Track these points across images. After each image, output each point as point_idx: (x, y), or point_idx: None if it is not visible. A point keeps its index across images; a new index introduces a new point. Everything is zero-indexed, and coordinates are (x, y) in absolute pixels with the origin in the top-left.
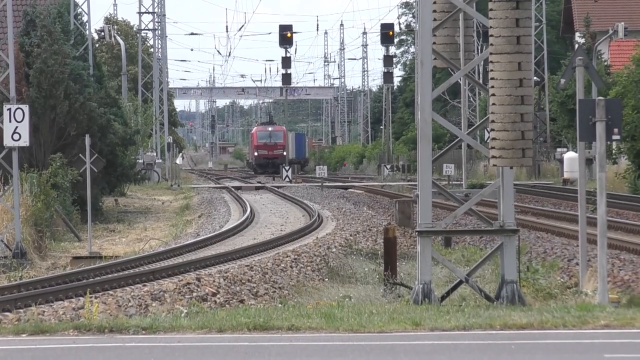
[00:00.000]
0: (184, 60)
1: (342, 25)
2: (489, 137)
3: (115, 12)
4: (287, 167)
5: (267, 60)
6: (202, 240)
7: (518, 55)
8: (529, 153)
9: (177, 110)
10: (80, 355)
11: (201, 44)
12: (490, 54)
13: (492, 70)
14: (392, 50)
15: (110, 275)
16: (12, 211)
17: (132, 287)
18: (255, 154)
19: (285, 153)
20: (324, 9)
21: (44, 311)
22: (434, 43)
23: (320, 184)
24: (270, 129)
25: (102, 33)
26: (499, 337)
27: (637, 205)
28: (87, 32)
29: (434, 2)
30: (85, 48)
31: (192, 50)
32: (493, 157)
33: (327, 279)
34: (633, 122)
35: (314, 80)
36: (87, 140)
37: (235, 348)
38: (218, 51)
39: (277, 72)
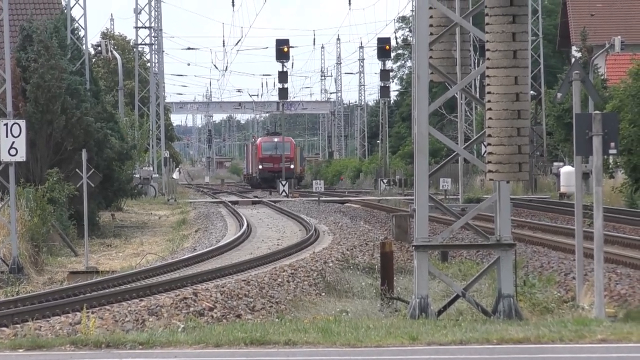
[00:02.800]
0: (181, 75)
1: (338, 39)
2: (485, 152)
3: (112, 26)
4: (283, 182)
5: (263, 75)
6: (199, 255)
7: (514, 70)
8: (525, 167)
9: (174, 124)
10: None
11: (198, 58)
12: (487, 68)
13: (488, 85)
14: (389, 64)
15: (107, 290)
16: (8, 226)
17: (129, 302)
18: (260, 167)
19: (292, 166)
20: (320, 24)
21: (40, 326)
22: (431, 57)
23: (317, 198)
24: (276, 139)
25: (99, 48)
26: (496, 351)
27: (633, 220)
28: (84, 46)
29: (431, 17)
30: (82, 63)
31: (188, 64)
32: (490, 171)
33: (324, 294)
34: (630, 136)
35: (311, 94)
36: (84, 155)
37: None
38: (215, 65)
39: (274, 86)
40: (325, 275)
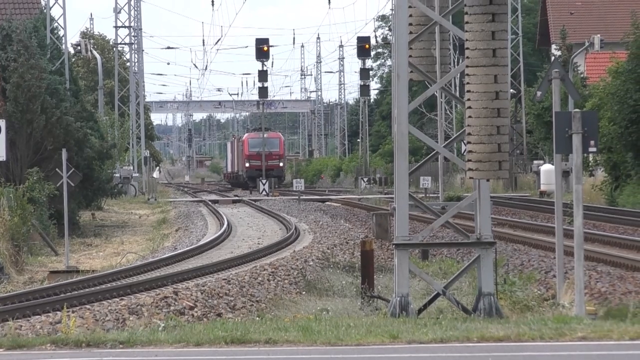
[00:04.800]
0: (161, 74)
1: (318, 38)
2: (465, 150)
3: (91, 26)
4: (263, 181)
5: (243, 74)
6: (180, 254)
7: (494, 68)
8: (505, 165)
9: (154, 123)
10: None
11: (178, 57)
12: (467, 66)
13: (468, 83)
14: (369, 63)
15: (87, 290)
16: None
17: (110, 301)
18: (247, 164)
19: (282, 164)
20: (300, 23)
21: (21, 326)
22: (410, 56)
23: (297, 197)
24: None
25: (79, 47)
26: (476, 349)
27: (613, 217)
28: (64, 46)
29: (410, 15)
30: (62, 62)
31: (168, 64)
32: (470, 169)
33: (304, 292)
34: (609, 134)
35: (291, 93)
36: (64, 154)
37: None
38: (195, 65)
39: (254, 85)
40: (306, 273)
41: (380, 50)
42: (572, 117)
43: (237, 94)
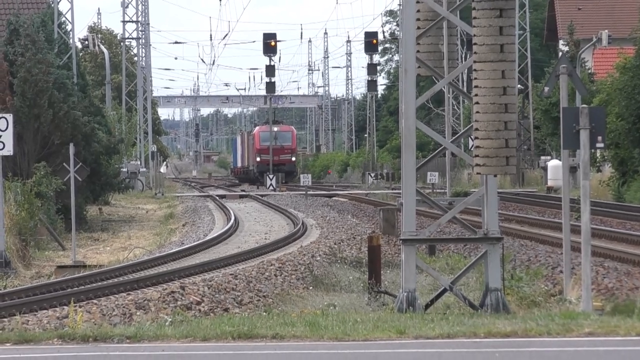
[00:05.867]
0: (168, 69)
1: (326, 33)
2: (472, 145)
3: (99, 20)
4: (271, 176)
5: (251, 69)
6: (187, 249)
7: (502, 64)
8: (512, 161)
9: (161, 118)
10: None
11: (185, 52)
12: (474, 62)
13: (476, 79)
14: (376, 58)
15: (94, 284)
16: None
17: (116, 295)
18: (258, 159)
19: (294, 158)
20: (308, 18)
21: (28, 320)
22: (418, 51)
23: (304, 192)
24: (276, 129)
25: (86, 42)
26: (483, 345)
27: (620, 213)
28: (71, 40)
29: (418, 11)
30: (69, 57)
31: (176, 58)
32: (477, 165)
33: (311, 288)
34: (617, 130)
35: (298, 88)
36: (71, 149)
37: (219, 357)
38: (202, 60)
39: (261, 80)
40: (313, 269)
41: (387, 45)
42: (579, 112)
43: (245, 89)
